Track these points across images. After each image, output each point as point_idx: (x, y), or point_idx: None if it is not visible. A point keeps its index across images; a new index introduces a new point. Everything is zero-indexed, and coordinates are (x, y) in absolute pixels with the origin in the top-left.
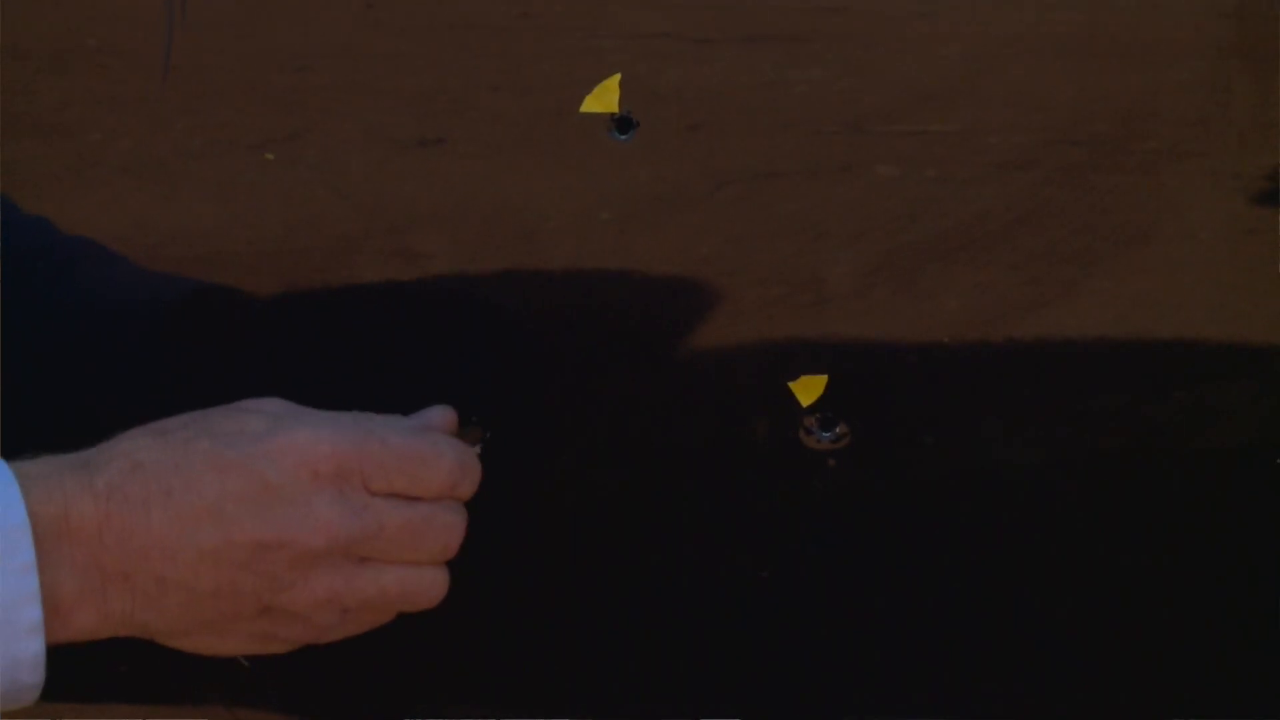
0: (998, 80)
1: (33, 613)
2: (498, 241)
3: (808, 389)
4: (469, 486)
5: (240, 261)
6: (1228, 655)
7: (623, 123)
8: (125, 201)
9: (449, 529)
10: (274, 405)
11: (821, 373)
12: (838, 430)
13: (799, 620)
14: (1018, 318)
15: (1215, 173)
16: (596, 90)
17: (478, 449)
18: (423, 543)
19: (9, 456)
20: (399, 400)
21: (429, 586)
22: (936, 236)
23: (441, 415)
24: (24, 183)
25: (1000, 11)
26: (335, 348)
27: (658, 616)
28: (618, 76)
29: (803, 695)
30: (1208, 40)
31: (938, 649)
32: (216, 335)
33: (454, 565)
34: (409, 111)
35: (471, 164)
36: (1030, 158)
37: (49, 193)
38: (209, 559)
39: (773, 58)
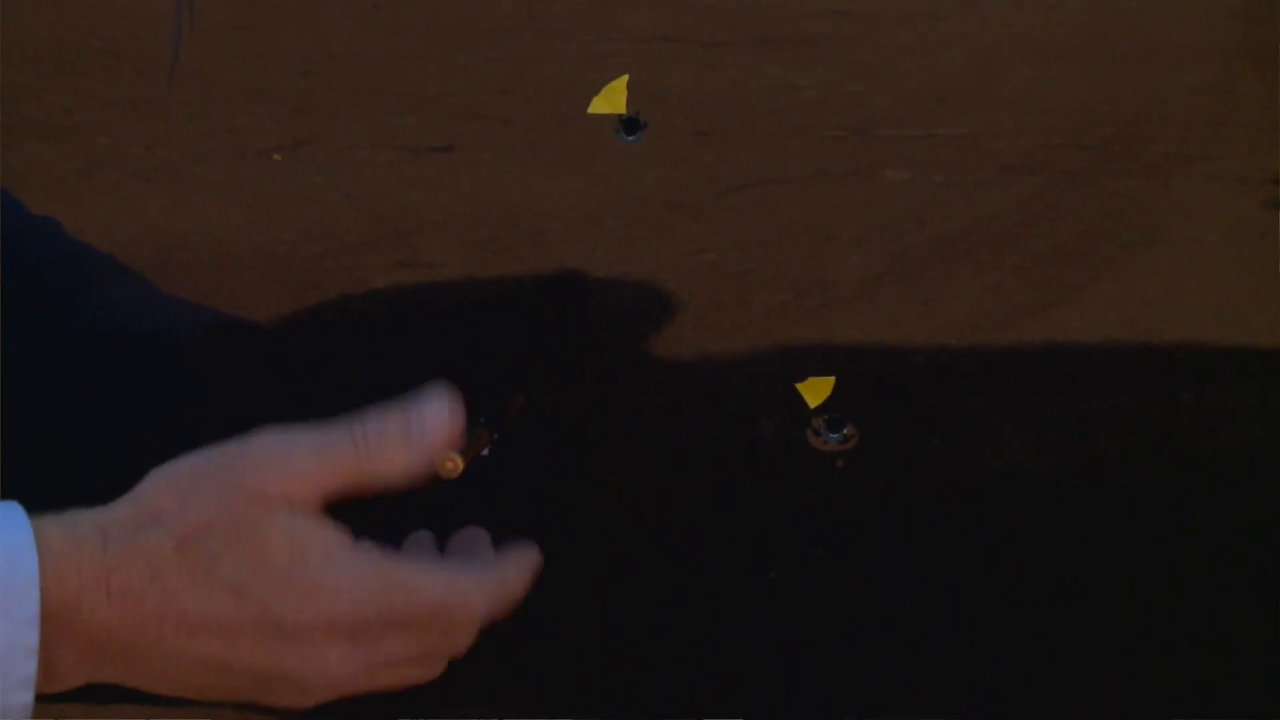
0: (1005, 84)
1: (29, 667)
2: (506, 245)
3: (815, 391)
4: (514, 603)
5: (249, 266)
6: (1235, 656)
7: (630, 124)
8: (134, 205)
9: (455, 647)
10: (299, 524)
11: (829, 375)
12: (845, 431)
13: (806, 620)
14: (1025, 320)
15: (1223, 176)
16: (604, 91)
17: (486, 452)
18: (432, 658)
19: (12, 477)
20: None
21: (423, 679)
22: (944, 239)
23: (436, 413)
24: (32, 186)
25: (1007, 15)
26: (344, 351)
27: (666, 617)
28: (625, 78)
29: (810, 695)
30: (1215, 43)
31: (944, 650)
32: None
33: None
34: (417, 116)
35: (479, 168)
36: (1037, 161)
37: (57, 196)
38: (210, 670)
39: (780, 61)
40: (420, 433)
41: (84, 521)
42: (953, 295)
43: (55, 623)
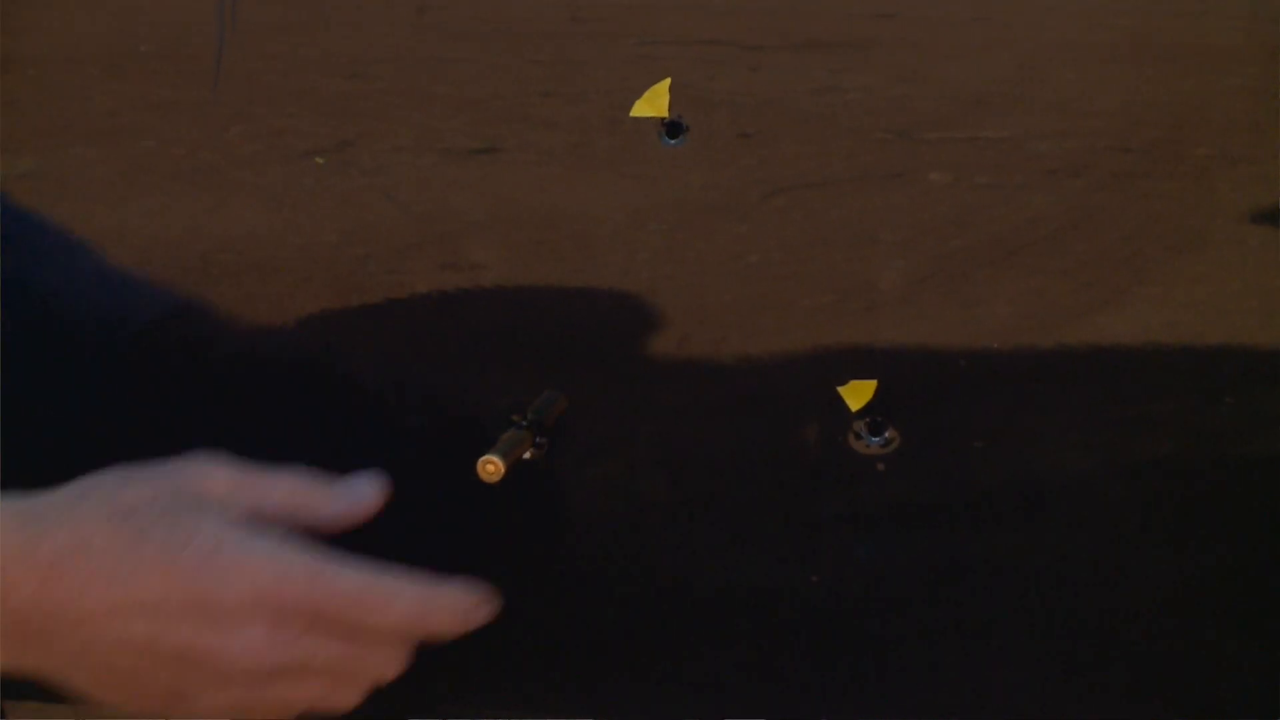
0: (1049, 86)
1: None
2: (550, 248)
3: (857, 394)
4: (439, 626)
5: (292, 269)
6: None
7: (673, 127)
8: (177, 208)
9: (378, 668)
10: (232, 504)
11: (871, 378)
12: (887, 435)
13: (849, 625)
14: (1068, 323)
15: (1267, 178)
16: (647, 94)
17: (528, 455)
18: (344, 678)
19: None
20: (451, 406)
21: (344, 701)
22: (987, 243)
23: (369, 484)
24: (77, 189)
25: (1052, 18)
26: (388, 354)
27: (707, 620)
28: (668, 81)
29: (853, 699)
30: (1259, 45)
31: (988, 653)
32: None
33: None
34: (461, 118)
35: (523, 171)
36: (1081, 164)
37: (102, 199)
38: (132, 650)
39: (824, 64)
40: (349, 491)
41: (19, 500)
42: (995, 298)
43: None
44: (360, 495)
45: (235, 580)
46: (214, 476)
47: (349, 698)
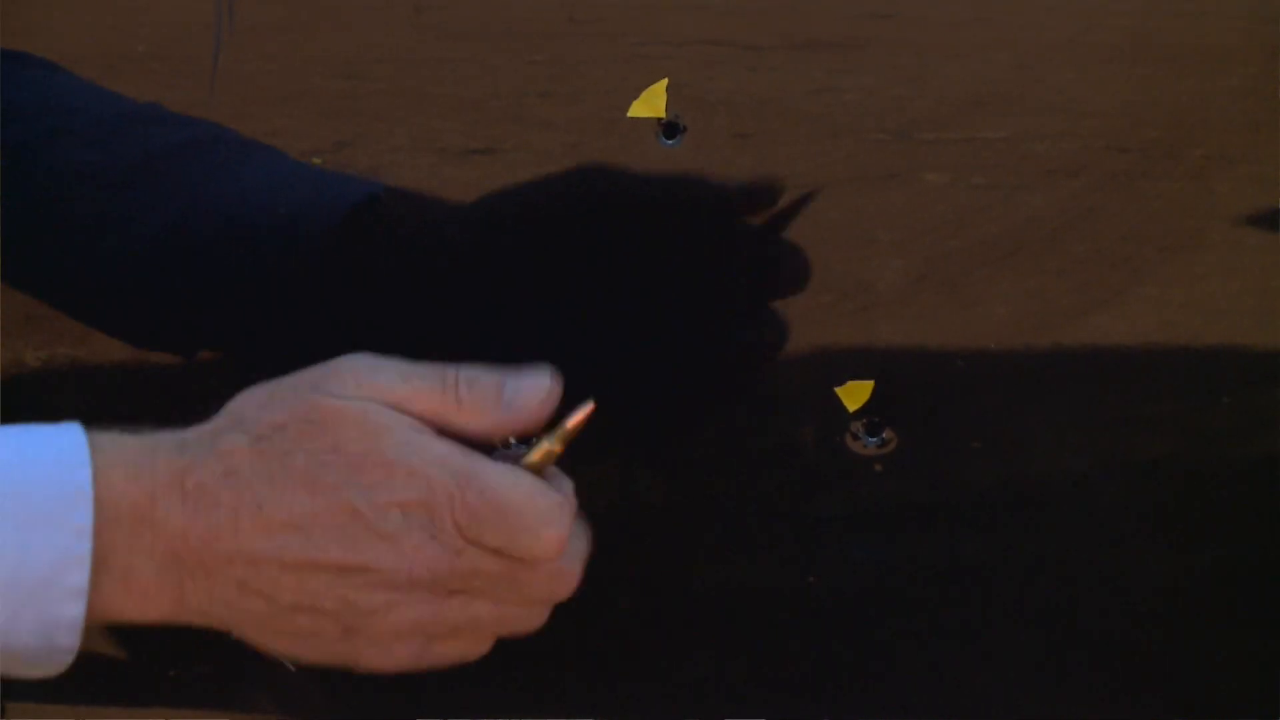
0: (1047, 87)
1: (79, 577)
2: None
3: (854, 394)
4: (576, 554)
5: None
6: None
7: (670, 128)
8: None
9: (557, 579)
10: (375, 410)
11: (868, 378)
12: (884, 435)
13: (846, 625)
14: (1066, 324)
15: (1265, 179)
16: (644, 94)
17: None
18: (524, 590)
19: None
20: None
21: (526, 621)
22: (985, 243)
23: (533, 388)
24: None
25: (1049, 18)
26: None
27: (706, 621)
28: (665, 81)
29: (851, 699)
30: (1257, 46)
31: (985, 654)
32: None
33: None
34: (458, 119)
35: (520, 171)
36: (1079, 164)
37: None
38: (291, 573)
39: (822, 65)
40: (511, 400)
41: (165, 436)
42: (993, 299)
43: (130, 526)
44: (522, 398)
45: (384, 487)
46: (356, 379)
47: (533, 618)
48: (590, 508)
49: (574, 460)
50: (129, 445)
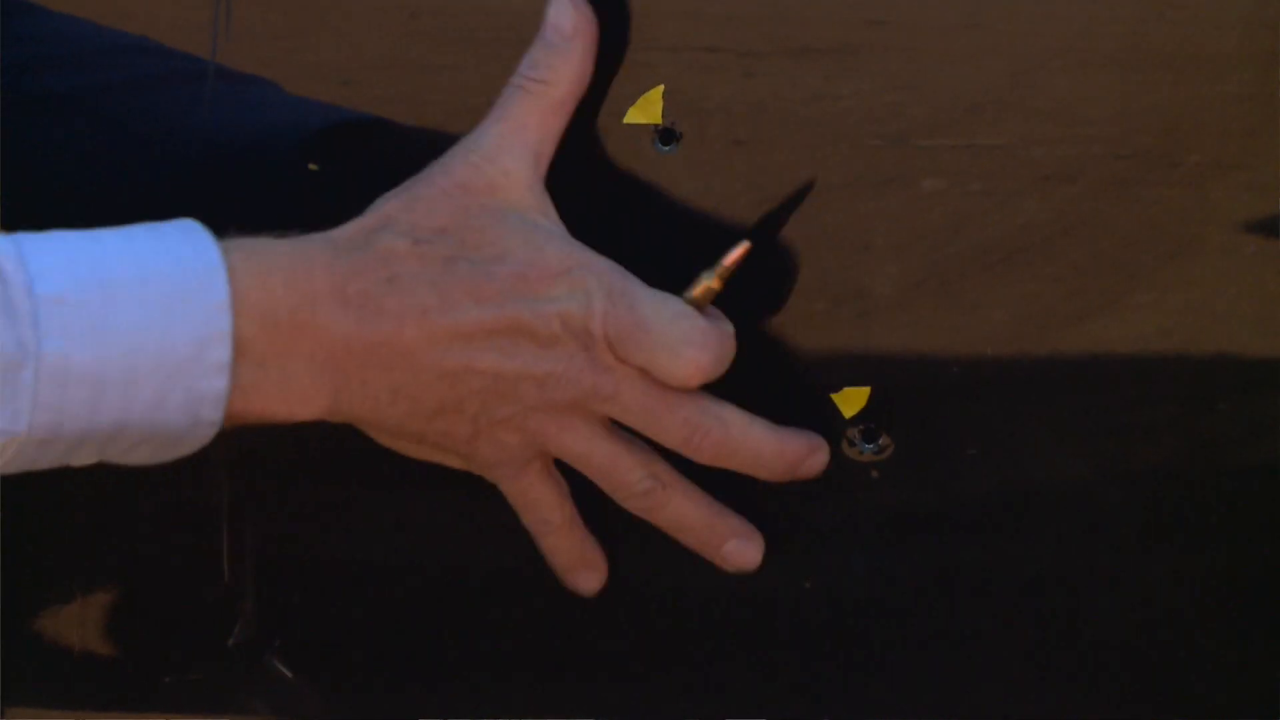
0: (1043, 93)
1: (222, 353)
2: None
3: (850, 401)
4: (723, 418)
5: None
6: (1277, 673)
7: (666, 134)
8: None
9: (693, 429)
10: (535, 217)
11: (865, 384)
12: (881, 442)
13: (843, 631)
14: (1062, 330)
15: (1262, 185)
16: (640, 101)
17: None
18: (656, 426)
19: None
20: None
21: (630, 476)
22: (981, 249)
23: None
24: None
25: (1046, 24)
26: None
27: (703, 627)
28: (661, 88)
29: (848, 706)
30: (1254, 51)
31: (982, 660)
32: None
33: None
34: (455, 126)
35: None
36: (1075, 170)
37: None
38: (447, 379)
39: (818, 71)
40: (556, 30)
41: (313, 239)
42: (990, 305)
43: (289, 332)
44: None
45: (549, 299)
46: (510, 175)
47: (641, 478)
48: (589, 512)
49: (572, 469)
50: (280, 251)
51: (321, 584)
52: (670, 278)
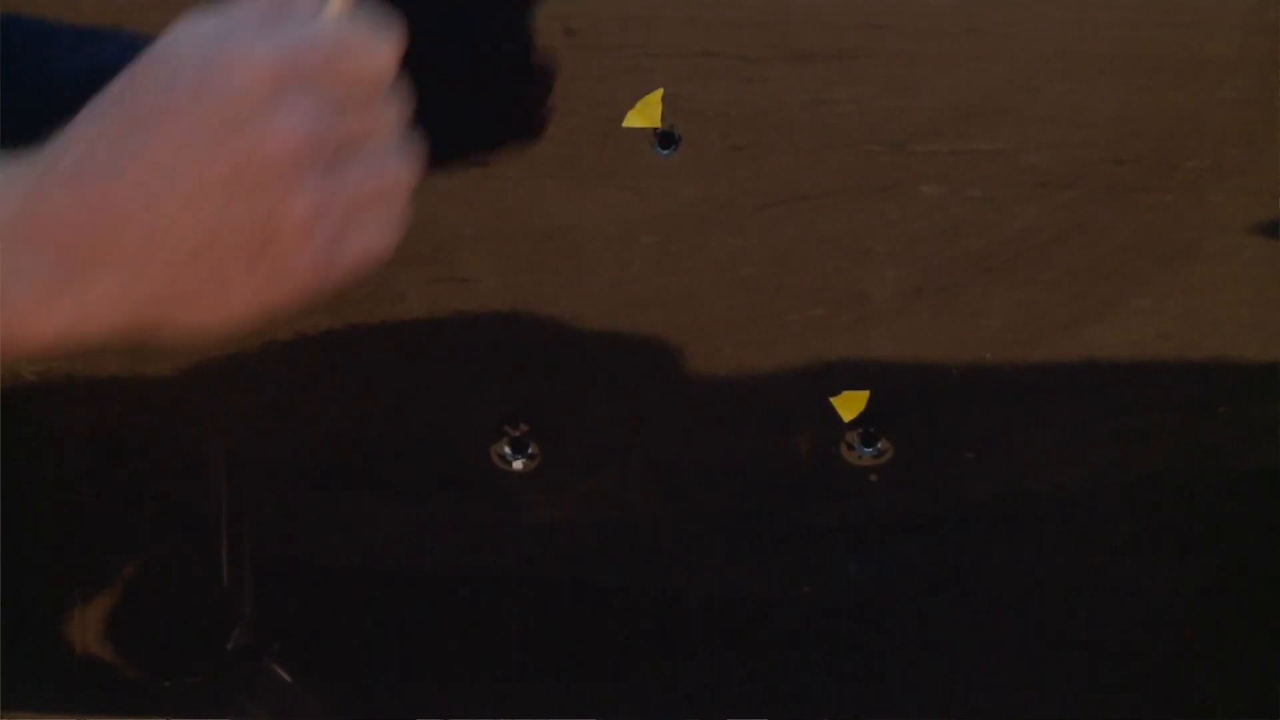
0: (1041, 99)
1: None
2: (541, 260)
3: (849, 405)
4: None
5: None
6: (1276, 672)
7: (665, 138)
8: None
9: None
10: (189, 38)
11: (864, 389)
12: (879, 446)
13: (841, 635)
14: (1061, 334)
15: (1260, 190)
16: (639, 105)
17: None
18: (381, 134)
19: None
20: (442, 419)
21: (400, 171)
22: (979, 254)
23: None
24: None
25: (1044, 29)
26: (380, 368)
27: (701, 632)
28: (660, 91)
29: (846, 710)
30: (1252, 57)
31: (980, 663)
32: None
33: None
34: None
35: (515, 183)
36: (1073, 176)
37: None
38: (192, 203)
39: (817, 76)
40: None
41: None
42: (987, 310)
43: (9, 239)
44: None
45: (234, 81)
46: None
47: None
48: (587, 516)
49: (570, 473)
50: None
51: (320, 588)
52: (670, 282)
